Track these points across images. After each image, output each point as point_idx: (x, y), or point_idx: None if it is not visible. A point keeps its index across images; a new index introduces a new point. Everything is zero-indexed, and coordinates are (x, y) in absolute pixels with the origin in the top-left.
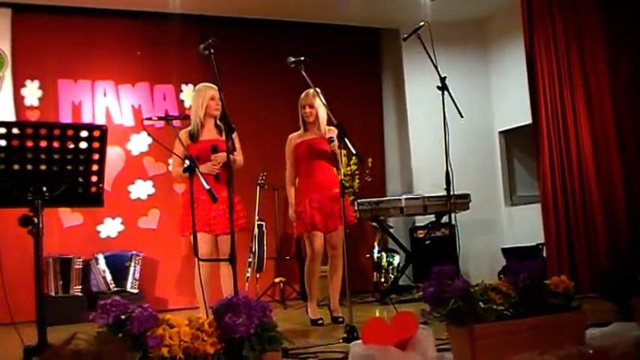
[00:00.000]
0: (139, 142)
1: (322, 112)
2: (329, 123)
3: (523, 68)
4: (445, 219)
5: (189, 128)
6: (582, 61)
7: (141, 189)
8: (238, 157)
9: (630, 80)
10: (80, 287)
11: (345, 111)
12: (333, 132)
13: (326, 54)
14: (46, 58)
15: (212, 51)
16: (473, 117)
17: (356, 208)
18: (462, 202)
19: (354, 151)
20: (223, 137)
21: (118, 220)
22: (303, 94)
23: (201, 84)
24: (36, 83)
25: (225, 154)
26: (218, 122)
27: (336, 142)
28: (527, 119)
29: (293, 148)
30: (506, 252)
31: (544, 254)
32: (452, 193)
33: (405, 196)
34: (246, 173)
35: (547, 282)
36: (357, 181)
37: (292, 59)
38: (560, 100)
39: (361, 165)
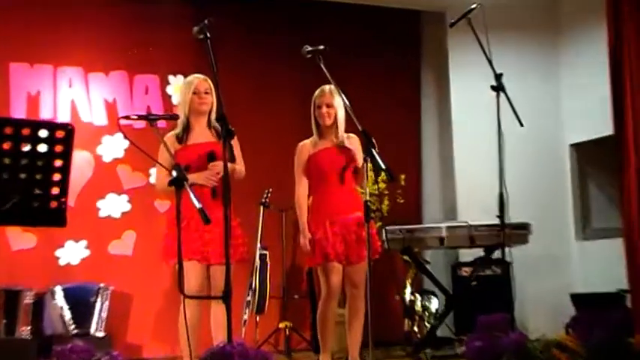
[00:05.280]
0: (113, 146)
1: (342, 115)
2: (351, 129)
3: (605, 65)
4: (497, 254)
5: (176, 130)
6: None
7: (113, 205)
8: (238, 166)
9: None
10: (30, 328)
11: (373, 114)
12: (354, 140)
13: (351, 43)
14: None
15: (208, 35)
16: (536, 125)
17: (384, 236)
18: (520, 233)
19: (382, 166)
20: (220, 141)
21: (83, 243)
22: (317, 91)
23: (190, 76)
24: None
25: (219, 162)
26: (214, 123)
27: (360, 154)
28: (607, 130)
29: (305, 159)
30: (577, 299)
31: (628, 304)
32: (507, 221)
33: (446, 224)
34: (247, 189)
35: (632, 340)
36: (386, 202)
37: (309, 48)
38: None
39: (391, 183)
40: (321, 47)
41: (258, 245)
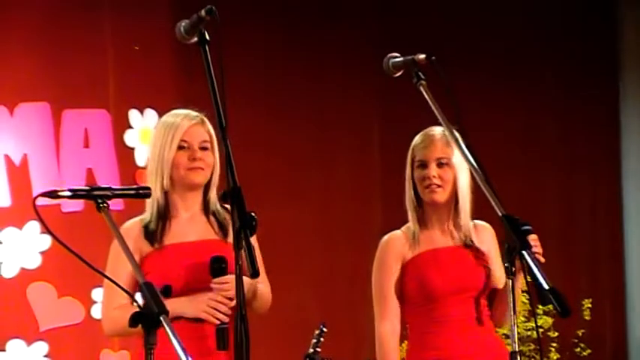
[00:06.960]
0: (22, 249)
1: (466, 183)
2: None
3: None
4: None
5: (143, 216)
6: None
7: None
8: (262, 285)
9: None
10: None
11: (517, 178)
12: (485, 233)
13: (476, 44)
14: None
15: (206, 36)
16: None
17: None
18: None
19: (545, 285)
20: (227, 239)
21: None
22: (418, 137)
23: (172, 113)
24: None
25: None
26: (214, 205)
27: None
28: None
29: (396, 268)
30: None
31: None
32: None
33: None
34: (279, 327)
35: None
36: (555, 355)
37: (399, 59)
38: None
39: (564, 318)
40: (422, 56)
41: None
